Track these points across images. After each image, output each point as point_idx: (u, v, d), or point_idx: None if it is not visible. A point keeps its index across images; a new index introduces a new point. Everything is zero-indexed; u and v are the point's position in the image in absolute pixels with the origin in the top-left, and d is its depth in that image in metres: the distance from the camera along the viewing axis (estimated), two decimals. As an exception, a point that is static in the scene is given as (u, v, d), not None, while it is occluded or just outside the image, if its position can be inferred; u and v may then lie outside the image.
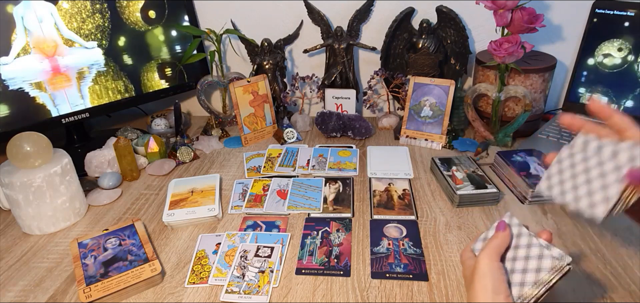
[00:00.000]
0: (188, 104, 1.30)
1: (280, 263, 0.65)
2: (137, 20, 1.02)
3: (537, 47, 1.07)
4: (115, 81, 1.02)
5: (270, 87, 1.11)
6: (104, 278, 0.62)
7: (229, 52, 1.20)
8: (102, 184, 0.87)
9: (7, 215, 0.81)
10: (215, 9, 1.14)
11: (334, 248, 0.68)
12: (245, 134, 1.06)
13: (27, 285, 0.64)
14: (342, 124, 1.05)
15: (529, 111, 0.94)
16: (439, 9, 1.03)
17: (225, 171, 0.94)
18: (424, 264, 0.64)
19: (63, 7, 0.91)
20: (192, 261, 0.67)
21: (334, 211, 0.78)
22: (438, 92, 1.00)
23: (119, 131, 1.09)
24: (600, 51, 0.98)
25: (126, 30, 1.01)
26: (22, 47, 0.87)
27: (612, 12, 0.95)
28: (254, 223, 0.75)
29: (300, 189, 0.84)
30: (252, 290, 0.60)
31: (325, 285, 0.61)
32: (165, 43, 1.08)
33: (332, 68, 1.14)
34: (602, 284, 0.60)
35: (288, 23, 1.15)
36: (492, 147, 0.97)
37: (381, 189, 0.83)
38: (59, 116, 0.95)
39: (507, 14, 0.85)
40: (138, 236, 0.70)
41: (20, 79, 0.88)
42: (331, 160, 0.94)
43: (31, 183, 0.71)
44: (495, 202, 0.78)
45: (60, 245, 0.73)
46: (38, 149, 0.72)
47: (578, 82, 1.02)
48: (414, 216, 0.75)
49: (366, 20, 1.12)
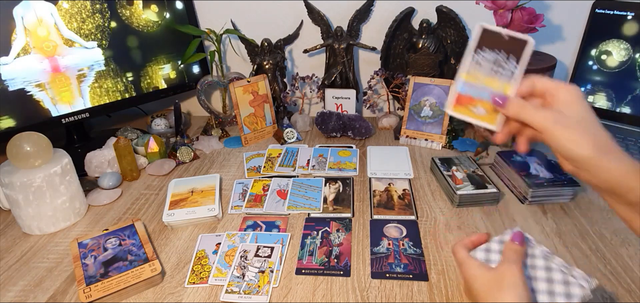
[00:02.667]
0: (188, 104, 1.30)
1: (280, 263, 0.65)
2: (137, 20, 1.02)
3: (537, 47, 1.06)
4: (115, 81, 1.02)
5: (270, 87, 1.11)
6: (104, 278, 0.62)
7: (229, 52, 1.20)
8: (102, 184, 0.87)
9: (7, 215, 0.81)
10: (215, 9, 1.14)
11: (334, 248, 0.68)
12: (245, 134, 1.06)
13: (27, 285, 0.64)
14: (342, 124, 1.05)
15: (529, 111, 0.93)
16: (439, 9, 1.03)
17: (225, 171, 0.94)
18: (424, 264, 0.64)
19: (63, 7, 0.91)
20: (192, 261, 0.67)
21: (334, 211, 0.78)
22: (438, 92, 1.00)
23: (119, 131, 1.09)
24: (600, 50, 0.98)
25: (126, 30, 1.01)
26: (22, 47, 0.87)
27: (612, 12, 0.95)
28: (254, 223, 0.75)
29: (300, 189, 0.84)
30: (252, 290, 0.60)
31: (325, 285, 0.61)
32: (165, 43, 1.08)
33: (332, 68, 1.14)
34: (602, 284, 0.60)
35: (288, 23, 1.15)
36: (492, 147, 0.97)
37: (381, 189, 0.83)
38: (59, 116, 0.95)
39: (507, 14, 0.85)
40: (138, 236, 0.70)
41: (20, 79, 0.88)
42: (331, 160, 0.94)
43: (31, 183, 0.71)
44: (495, 202, 0.78)
45: (60, 245, 0.73)
46: (38, 149, 0.72)
47: (578, 82, 1.02)
48: (414, 216, 0.75)
49: (366, 20, 1.12)
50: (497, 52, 0.53)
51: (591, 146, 0.46)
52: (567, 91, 0.49)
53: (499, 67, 0.53)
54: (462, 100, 0.55)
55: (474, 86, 0.54)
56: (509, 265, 0.49)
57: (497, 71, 0.53)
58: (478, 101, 0.54)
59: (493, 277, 0.49)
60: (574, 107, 0.48)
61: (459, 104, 0.55)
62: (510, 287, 0.46)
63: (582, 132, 0.47)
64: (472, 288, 0.51)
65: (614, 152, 0.47)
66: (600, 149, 0.47)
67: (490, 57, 0.53)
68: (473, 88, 0.54)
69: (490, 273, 0.50)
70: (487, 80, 0.53)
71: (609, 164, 0.47)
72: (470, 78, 0.54)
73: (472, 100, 0.54)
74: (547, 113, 0.48)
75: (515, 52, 0.52)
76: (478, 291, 0.50)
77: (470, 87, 0.54)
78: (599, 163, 0.47)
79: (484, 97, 0.53)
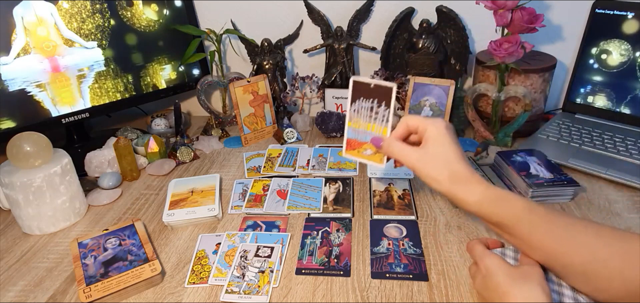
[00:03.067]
0: (188, 104, 1.30)
1: (280, 263, 0.65)
2: (138, 20, 1.02)
3: (537, 47, 1.07)
4: (115, 81, 1.02)
5: (270, 87, 1.11)
6: (104, 278, 0.62)
7: (229, 52, 1.20)
8: (102, 184, 0.87)
9: (7, 215, 0.81)
10: (215, 9, 1.14)
11: (334, 248, 0.68)
12: (245, 134, 1.06)
13: (27, 285, 0.64)
14: (342, 124, 1.05)
15: (529, 111, 0.94)
16: (439, 9, 1.03)
17: (225, 171, 0.94)
18: (424, 264, 0.64)
19: (63, 7, 0.91)
20: (192, 261, 0.67)
21: (334, 211, 0.78)
22: (438, 92, 1.00)
23: (119, 131, 1.09)
24: (600, 50, 0.98)
25: (126, 30, 1.01)
26: (22, 47, 0.87)
27: (612, 12, 0.95)
28: (254, 223, 0.75)
29: (300, 189, 0.84)
30: (252, 290, 0.60)
31: (325, 285, 0.61)
32: (166, 43, 1.08)
33: (332, 68, 1.14)
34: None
35: (288, 23, 1.15)
36: (492, 147, 0.97)
37: (381, 189, 0.83)
38: (59, 116, 0.95)
39: (507, 14, 0.85)
40: (138, 236, 0.70)
41: (20, 79, 0.88)
42: (331, 160, 0.94)
43: (31, 183, 0.71)
44: (495, 202, 0.78)
45: (60, 245, 0.73)
46: (38, 149, 0.72)
47: (578, 82, 1.02)
48: (414, 216, 0.75)
49: (366, 20, 1.12)
50: (370, 100, 0.60)
51: (447, 182, 0.53)
52: (432, 128, 0.55)
53: (373, 113, 0.61)
54: (352, 144, 0.64)
55: (358, 131, 0.62)
56: (533, 266, 0.50)
57: (372, 117, 0.61)
58: (364, 144, 0.63)
59: (518, 271, 0.50)
60: (437, 143, 0.55)
61: (350, 148, 0.64)
62: (537, 281, 0.47)
63: (441, 169, 0.53)
64: (493, 278, 0.50)
65: (469, 184, 0.53)
66: (456, 184, 0.53)
67: (366, 105, 0.60)
68: (358, 133, 0.62)
69: (514, 268, 0.51)
70: (367, 125, 0.61)
71: (463, 196, 0.53)
72: (354, 125, 0.63)
73: (359, 143, 0.63)
74: (412, 153, 0.56)
75: (384, 97, 0.59)
76: (499, 282, 0.49)
77: (355, 132, 0.63)
78: (456, 196, 0.53)
79: (367, 139, 0.62)
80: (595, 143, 0.92)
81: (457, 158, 0.53)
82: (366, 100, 0.60)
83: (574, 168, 0.86)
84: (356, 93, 0.61)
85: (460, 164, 0.53)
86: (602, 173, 0.83)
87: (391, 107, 0.59)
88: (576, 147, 0.92)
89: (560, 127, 0.98)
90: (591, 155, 0.88)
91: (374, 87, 0.59)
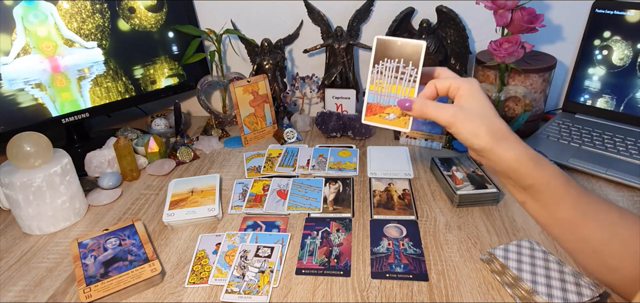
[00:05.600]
0: (188, 104, 1.30)
1: (280, 263, 0.65)
2: (138, 21, 1.02)
3: (537, 47, 1.07)
4: (115, 81, 1.02)
5: (270, 87, 1.11)
6: (104, 278, 0.62)
7: (229, 52, 1.20)
8: (102, 184, 0.87)
9: (7, 215, 0.81)
10: (215, 9, 1.14)
11: (334, 248, 0.68)
12: (245, 134, 1.06)
13: (27, 285, 0.64)
14: (342, 124, 1.05)
15: (529, 111, 0.93)
16: (439, 9, 1.03)
17: (225, 171, 0.94)
18: (424, 264, 0.64)
19: (63, 7, 0.91)
20: (192, 262, 0.67)
21: (334, 211, 0.78)
22: (438, 92, 1.00)
23: (119, 131, 1.09)
24: (600, 50, 0.98)
25: (126, 30, 1.01)
26: (22, 47, 0.87)
27: (612, 12, 0.95)
28: (254, 223, 0.75)
29: (300, 189, 0.84)
30: (252, 290, 0.60)
31: (325, 285, 0.61)
32: (165, 43, 1.08)
33: (332, 68, 1.14)
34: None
35: (288, 23, 1.15)
36: (492, 147, 0.97)
37: (381, 189, 0.83)
38: (59, 116, 0.95)
39: (507, 14, 0.85)
40: (138, 236, 0.70)
41: (20, 79, 0.88)
42: (331, 160, 0.94)
43: (31, 183, 0.71)
44: (495, 202, 0.78)
45: (60, 245, 0.73)
46: (38, 149, 0.72)
47: (578, 81, 1.02)
48: (414, 216, 0.75)
49: (366, 20, 1.12)
50: (396, 61, 0.57)
51: (487, 136, 0.51)
52: (467, 85, 0.54)
53: (400, 74, 0.58)
54: (373, 109, 0.61)
55: (380, 94, 0.60)
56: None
57: (398, 77, 0.58)
58: (387, 108, 0.60)
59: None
60: (473, 100, 0.53)
61: (370, 113, 0.61)
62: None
63: (479, 123, 0.51)
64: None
65: (508, 140, 0.51)
66: (495, 138, 0.51)
67: (392, 66, 0.58)
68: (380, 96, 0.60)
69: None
70: (391, 87, 0.59)
71: (503, 152, 0.51)
72: (376, 88, 0.60)
73: (382, 108, 0.60)
74: (447, 109, 0.53)
75: (411, 57, 0.57)
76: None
77: (377, 96, 0.60)
78: (495, 151, 0.51)
79: (391, 103, 0.59)
80: (596, 142, 0.92)
81: (494, 114, 0.53)
82: (391, 60, 0.57)
83: (574, 168, 0.86)
84: (380, 53, 0.58)
85: (499, 120, 0.52)
86: (602, 173, 0.83)
87: (419, 67, 0.56)
88: (576, 147, 0.92)
89: (560, 127, 0.98)
90: (591, 155, 0.88)
91: (401, 44, 0.57)
